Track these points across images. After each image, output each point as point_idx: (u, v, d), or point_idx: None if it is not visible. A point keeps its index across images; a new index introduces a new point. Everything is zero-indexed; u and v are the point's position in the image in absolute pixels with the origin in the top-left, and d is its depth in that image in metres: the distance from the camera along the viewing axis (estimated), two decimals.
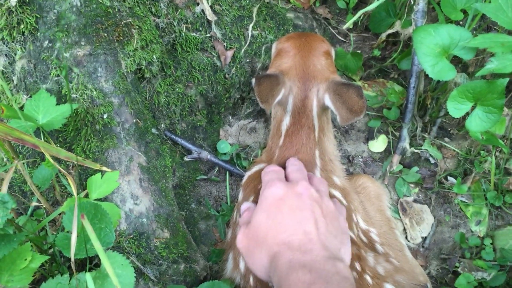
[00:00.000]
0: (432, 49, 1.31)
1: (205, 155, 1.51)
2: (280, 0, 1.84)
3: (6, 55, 1.30)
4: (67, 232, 1.05)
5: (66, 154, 1.03)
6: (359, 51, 1.87)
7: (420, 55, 1.34)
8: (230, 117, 1.70)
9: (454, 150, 1.63)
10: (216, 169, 1.61)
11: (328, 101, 1.23)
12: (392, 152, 1.67)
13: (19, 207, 1.32)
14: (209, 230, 1.52)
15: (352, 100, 1.17)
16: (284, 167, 1.18)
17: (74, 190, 0.98)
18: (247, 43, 1.62)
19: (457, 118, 1.66)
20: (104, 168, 1.11)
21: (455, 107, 1.32)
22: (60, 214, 1.28)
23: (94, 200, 1.12)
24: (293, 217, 0.96)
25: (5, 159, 1.28)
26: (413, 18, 1.54)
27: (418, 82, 1.57)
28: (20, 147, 1.35)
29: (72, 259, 0.95)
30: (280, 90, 1.24)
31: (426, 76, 1.62)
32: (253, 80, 1.25)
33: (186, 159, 1.51)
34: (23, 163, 1.07)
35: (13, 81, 1.33)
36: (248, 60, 1.64)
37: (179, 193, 1.53)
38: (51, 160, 0.98)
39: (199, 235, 1.50)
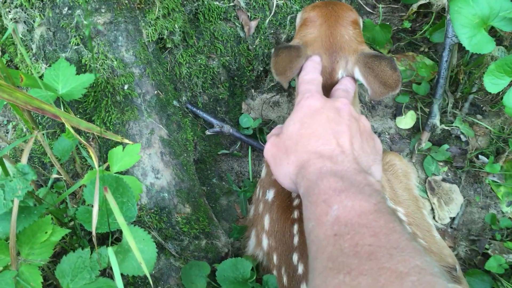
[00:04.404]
0: (470, 20, 1.24)
1: (227, 129, 1.47)
2: None
3: (24, 22, 1.26)
4: (88, 205, 1.02)
5: (87, 125, 1.00)
6: (388, 23, 1.79)
7: (457, 26, 1.27)
8: (253, 91, 1.65)
9: (486, 128, 1.56)
10: (238, 143, 1.57)
11: (358, 75, 1.16)
12: (420, 129, 1.60)
13: (39, 179, 1.30)
14: (230, 206, 1.49)
15: (386, 73, 1.10)
16: None
17: (95, 162, 0.94)
18: (272, 13, 1.55)
19: (490, 94, 1.58)
20: (126, 141, 1.07)
21: (492, 82, 1.25)
22: (80, 187, 1.26)
23: (115, 173, 1.09)
24: (329, 128, 0.92)
25: (24, 130, 1.25)
26: None
27: (451, 55, 1.49)
28: (39, 118, 1.32)
29: (94, 233, 0.92)
30: (300, 62, 1.17)
31: (460, 49, 1.55)
32: (272, 50, 1.18)
33: (207, 132, 1.47)
34: (43, 134, 1.04)
35: (32, 49, 1.29)
36: (272, 31, 1.58)
37: (200, 168, 1.49)
38: (72, 131, 0.95)
39: (221, 211, 1.47)
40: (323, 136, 0.92)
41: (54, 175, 1.17)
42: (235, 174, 1.55)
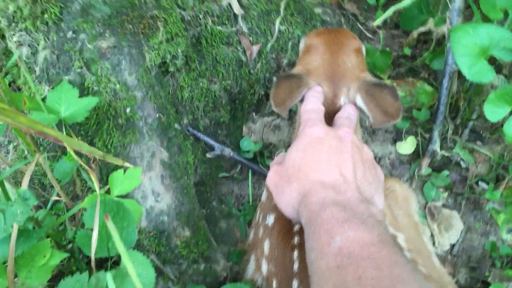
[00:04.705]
0: (470, 49, 1.25)
1: (228, 152, 1.47)
2: None
3: (29, 45, 1.27)
4: (87, 229, 1.02)
5: (89, 149, 1.00)
6: (388, 49, 1.81)
7: (457, 55, 1.28)
8: (254, 114, 1.66)
9: (486, 155, 1.56)
10: (239, 167, 1.57)
11: (360, 102, 1.17)
12: (420, 154, 1.61)
13: (38, 200, 1.30)
14: (230, 229, 1.48)
15: (387, 102, 1.11)
16: None
17: (96, 187, 0.95)
18: (274, 38, 1.58)
19: (490, 122, 1.59)
20: (127, 164, 1.08)
21: (492, 111, 1.26)
22: (80, 209, 1.26)
23: (115, 196, 1.09)
24: (331, 157, 0.92)
25: (25, 151, 1.26)
26: (448, 16, 1.47)
27: (451, 83, 1.50)
28: (41, 139, 1.32)
29: (93, 258, 0.92)
30: (301, 92, 1.18)
31: (459, 76, 1.56)
32: (274, 79, 1.19)
33: (208, 155, 1.47)
34: (45, 158, 1.04)
35: (35, 71, 1.30)
36: (274, 56, 1.60)
37: (200, 190, 1.49)
38: (74, 155, 0.95)
39: (220, 234, 1.47)
40: (326, 164, 0.92)
41: (54, 197, 1.17)
42: (235, 197, 1.55)
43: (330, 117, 1.18)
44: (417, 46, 1.82)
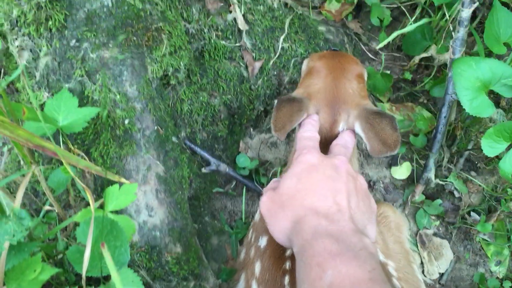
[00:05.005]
0: (472, 82, 1.26)
1: (224, 168, 1.47)
2: (312, 11, 1.79)
3: (31, 50, 1.26)
4: (79, 244, 1.01)
5: (86, 164, 0.99)
6: (389, 71, 1.82)
7: (458, 87, 1.29)
8: (252, 129, 1.66)
9: (480, 185, 1.57)
10: (234, 183, 1.56)
11: (358, 130, 1.17)
12: (415, 180, 1.61)
13: (30, 208, 1.29)
14: (221, 246, 1.48)
15: (386, 132, 1.11)
16: None
17: (91, 204, 0.94)
18: (277, 55, 1.57)
19: None
20: (123, 180, 1.07)
21: (490, 146, 1.26)
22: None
23: (110, 212, 1.08)
24: (326, 186, 0.92)
25: (22, 162, 1.24)
26: (451, 45, 1.47)
27: (449, 112, 1.51)
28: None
29: (84, 277, 0.91)
30: (301, 116, 1.17)
31: (458, 105, 1.57)
32: (275, 102, 1.19)
33: (204, 170, 1.46)
34: (40, 169, 1.03)
35: (35, 77, 1.29)
36: (275, 73, 1.59)
37: (193, 205, 1.48)
38: (69, 170, 0.94)
39: (211, 250, 1.46)
40: (320, 192, 0.92)
41: (47, 207, 1.15)
42: (228, 213, 1.54)
43: (327, 143, 1.18)
44: (418, 70, 1.82)
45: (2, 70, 1.48)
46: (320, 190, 0.93)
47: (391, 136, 1.11)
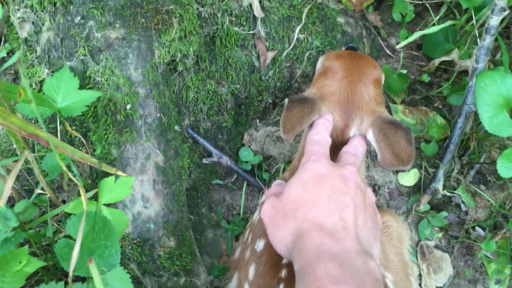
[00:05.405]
0: (495, 99, 1.19)
1: (226, 161, 1.42)
2: (331, 1, 1.70)
3: (33, 23, 1.19)
4: (68, 236, 0.97)
5: (81, 156, 0.94)
6: (406, 71, 1.74)
7: (479, 102, 1.22)
8: (258, 121, 1.59)
9: (488, 200, 1.52)
10: (235, 176, 1.51)
11: (371, 138, 1.11)
12: (421, 188, 1.56)
13: (21, 190, 1.24)
14: (216, 240, 1.44)
15: (399, 145, 1.05)
16: None
17: (84, 200, 0.89)
18: (291, 46, 1.50)
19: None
20: (120, 173, 1.02)
21: (506, 166, 1.20)
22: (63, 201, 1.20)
23: (103, 204, 1.03)
24: (333, 198, 0.87)
25: (15, 146, 1.19)
26: (476, 53, 1.40)
27: (465, 122, 1.44)
28: None
29: (70, 274, 0.87)
30: (311, 118, 1.11)
31: (475, 116, 1.51)
32: (285, 101, 1.12)
33: (204, 161, 1.41)
34: (34, 156, 0.98)
35: (36, 51, 1.23)
36: (288, 65, 1.52)
37: (191, 195, 1.44)
38: (63, 166, 0.89)
39: (205, 244, 1.42)
40: (326, 206, 0.87)
41: (38, 191, 1.11)
42: (226, 207, 1.50)
43: (337, 148, 1.12)
44: (437, 73, 1.75)
45: (3, 38, 1.42)
46: (326, 203, 0.87)
47: (405, 150, 1.05)
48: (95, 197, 1.05)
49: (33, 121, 1.24)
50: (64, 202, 1.21)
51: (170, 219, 1.23)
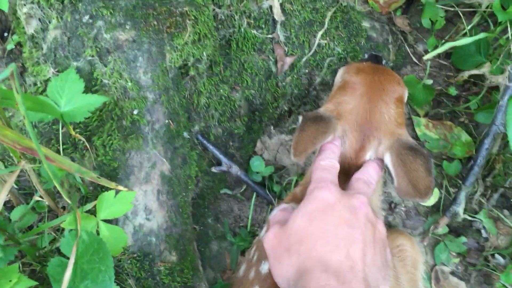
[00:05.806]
0: None
1: (235, 170, 1.35)
2: (358, 2, 1.60)
3: (39, 19, 1.13)
4: (61, 254, 0.92)
5: (79, 170, 0.88)
6: (432, 81, 1.64)
7: (510, 126, 1.13)
8: (272, 128, 1.52)
9: (510, 227, 1.43)
10: (244, 187, 1.44)
11: (388, 162, 1.02)
12: (441, 209, 1.48)
13: (19, 196, 1.19)
14: (221, 253, 1.38)
15: (418, 174, 0.96)
16: None
17: (78, 223, 0.83)
18: (311, 52, 1.41)
19: None
20: (120, 188, 0.96)
21: None
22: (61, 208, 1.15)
23: (101, 220, 0.98)
24: (340, 232, 0.81)
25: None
26: (509, 70, 1.30)
27: (492, 144, 1.35)
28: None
29: None
30: (325, 138, 1.02)
31: (504, 138, 1.41)
32: (300, 119, 1.04)
33: (213, 170, 1.35)
34: (31, 166, 0.93)
35: (42, 49, 1.17)
36: (307, 71, 1.44)
37: (197, 204, 1.38)
38: (55, 183, 0.83)
39: (210, 257, 1.37)
40: (333, 240, 0.80)
41: (37, 197, 1.06)
42: (233, 218, 1.44)
43: (349, 171, 1.04)
44: (465, 86, 1.65)
45: (11, 30, 1.36)
46: (333, 237, 0.81)
47: (423, 180, 0.96)
48: (94, 210, 1.00)
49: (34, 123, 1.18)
50: (64, 208, 1.17)
51: (173, 232, 1.18)
